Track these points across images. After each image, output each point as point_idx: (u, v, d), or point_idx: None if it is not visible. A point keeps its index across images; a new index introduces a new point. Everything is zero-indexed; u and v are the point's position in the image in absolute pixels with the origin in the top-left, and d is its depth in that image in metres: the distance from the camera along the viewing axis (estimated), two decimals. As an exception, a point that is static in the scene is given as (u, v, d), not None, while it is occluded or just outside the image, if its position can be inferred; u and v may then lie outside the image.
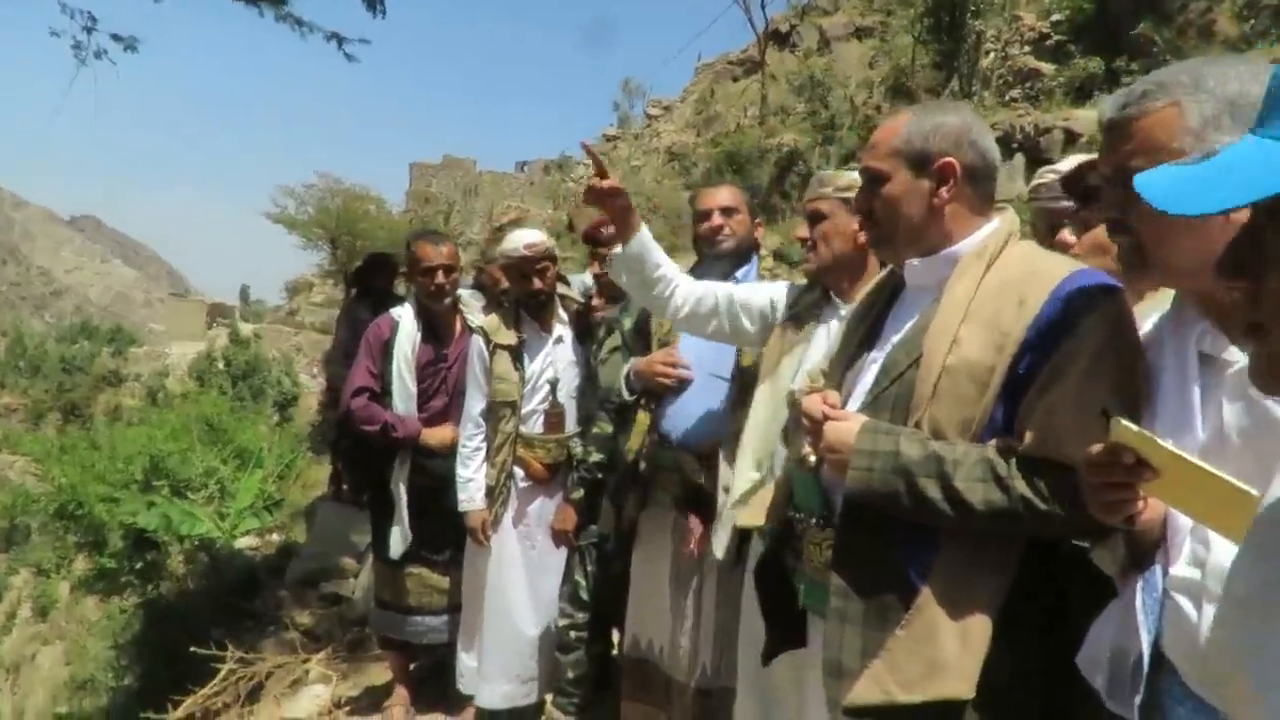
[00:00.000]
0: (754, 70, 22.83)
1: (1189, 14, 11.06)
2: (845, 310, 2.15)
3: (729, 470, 2.48)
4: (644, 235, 2.31)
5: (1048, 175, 2.13)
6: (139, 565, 9.73)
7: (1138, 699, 1.19)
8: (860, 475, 1.50)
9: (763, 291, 2.41)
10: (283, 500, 11.28)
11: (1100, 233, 1.74)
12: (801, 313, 2.30)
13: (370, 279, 5.41)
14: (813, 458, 1.64)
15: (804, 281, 2.43)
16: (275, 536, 10.11)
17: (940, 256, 1.60)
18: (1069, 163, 1.98)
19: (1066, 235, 1.85)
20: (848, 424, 1.55)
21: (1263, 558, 0.81)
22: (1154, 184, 0.72)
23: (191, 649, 4.40)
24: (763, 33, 22.34)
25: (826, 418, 1.58)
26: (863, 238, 2.06)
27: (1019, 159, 11.31)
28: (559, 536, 3.22)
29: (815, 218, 2.29)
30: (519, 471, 3.32)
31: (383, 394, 3.48)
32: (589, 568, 3.14)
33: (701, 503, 2.58)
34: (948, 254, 1.59)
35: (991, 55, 14.11)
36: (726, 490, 2.49)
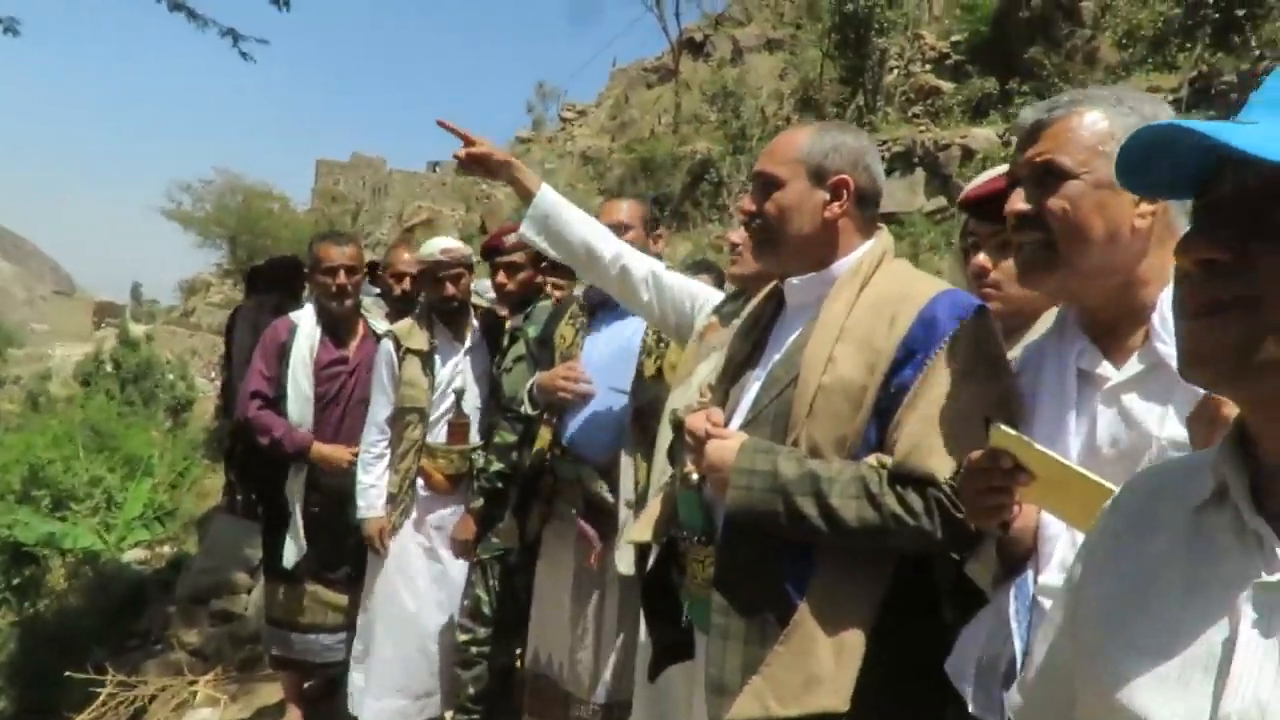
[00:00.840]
0: (668, 78, 23.03)
1: (1075, 40, 11.67)
2: None
3: (630, 484, 2.48)
4: (545, 192, 2.25)
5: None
6: (16, 581, 9.14)
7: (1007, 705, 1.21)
8: (740, 494, 1.51)
9: (688, 288, 2.39)
10: (175, 510, 10.81)
11: None
12: (723, 320, 2.29)
13: (275, 281, 5.20)
14: (695, 475, 1.64)
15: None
16: (166, 548, 9.66)
17: (819, 275, 1.64)
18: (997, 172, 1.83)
19: (982, 259, 1.74)
20: (729, 442, 1.56)
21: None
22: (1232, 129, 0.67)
23: (67, 673, 4.16)
24: (676, 41, 22.56)
25: (709, 435, 1.60)
26: None
27: (920, 173, 11.73)
28: (459, 547, 3.17)
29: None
30: (421, 481, 3.26)
31: (278, 400, 3.37)
32: (491, 581, 3.10)
33: (602, 515, 2.58)
34: (826, 272, 1.63)
35: (895, 72, 14.59)
36: (629, 505, 2.48)
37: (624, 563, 2.43)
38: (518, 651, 3.21)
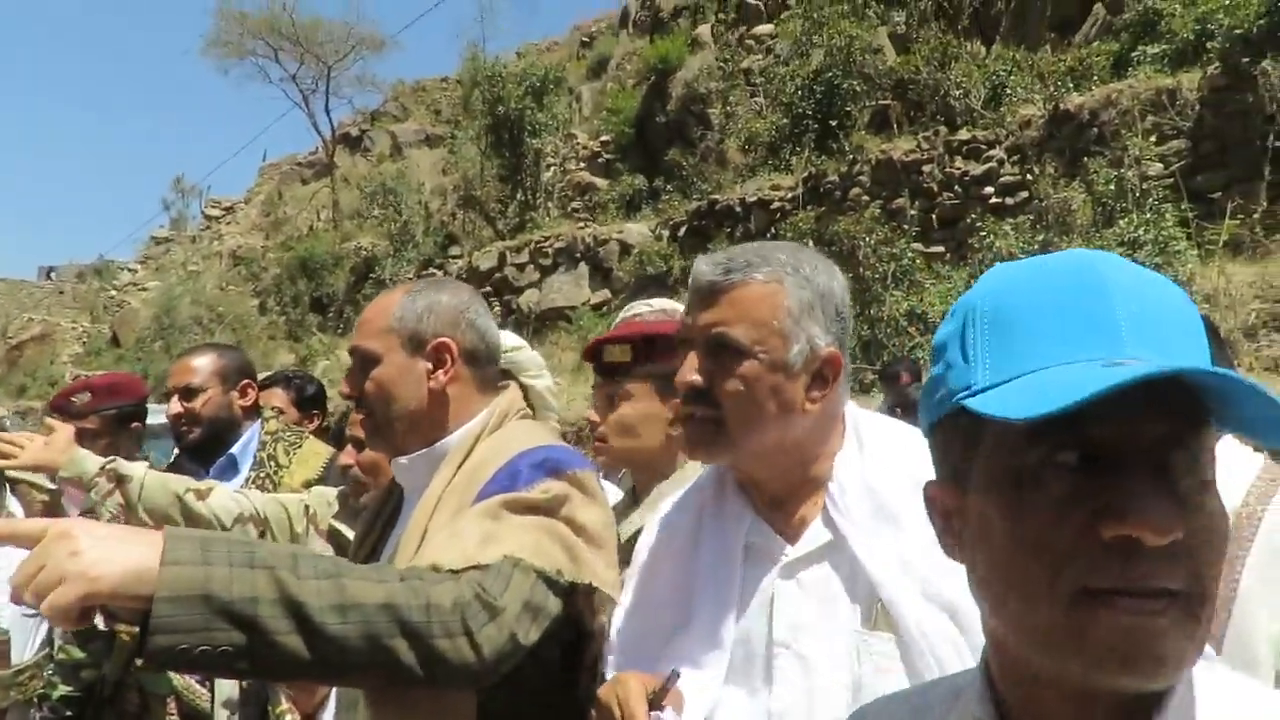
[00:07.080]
0: (325, 173, 22.08)
1: (708, 143, 12.93)
2: None
3: (228, 682, 2.12)
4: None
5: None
6: None
7: None
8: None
9: None
10: None
11: (627, 413, 1.63)
12: None
13: None
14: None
15: None
16: None
17: (428, 452, 1.43)
18: (645, 307, 1.83)
19: (590, 414, 1.72)
20: None
21: None
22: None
23: None
24: (331, 137, 21.84)
25: None
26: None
27: (583, 267, 12.16)
28: None
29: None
30: None
31: None
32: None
33: None
34: (438, 448, 1.43)
35: (553, 169, 15.14)
36: (227, 705, 2.14)
37: None
38: None
